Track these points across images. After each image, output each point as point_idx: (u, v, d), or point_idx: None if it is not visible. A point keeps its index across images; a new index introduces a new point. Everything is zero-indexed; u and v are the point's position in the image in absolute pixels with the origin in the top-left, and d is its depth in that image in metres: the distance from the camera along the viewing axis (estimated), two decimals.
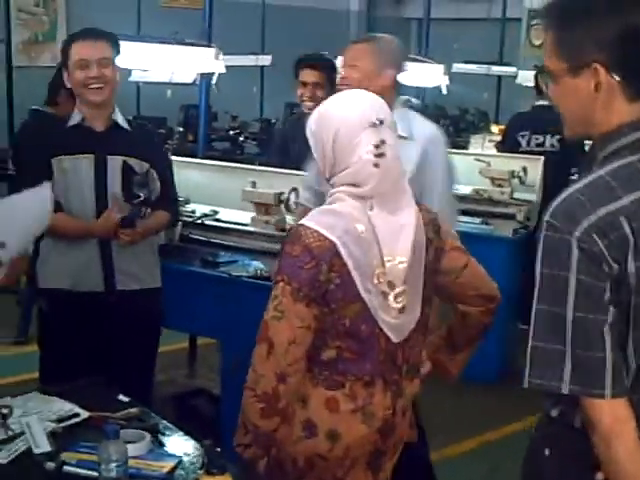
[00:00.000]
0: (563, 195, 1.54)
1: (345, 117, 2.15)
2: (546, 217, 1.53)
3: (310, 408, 2.18)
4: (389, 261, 2.13)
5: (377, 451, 2.23)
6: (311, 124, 2.22)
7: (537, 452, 1.73)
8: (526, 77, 6.48)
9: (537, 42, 10.04)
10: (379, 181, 2.13)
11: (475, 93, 9.40)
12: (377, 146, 2.13)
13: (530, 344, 1.54)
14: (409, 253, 2.16)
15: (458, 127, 9.78)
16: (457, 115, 10.35)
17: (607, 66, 1.54)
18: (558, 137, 6.02)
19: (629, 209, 1.47)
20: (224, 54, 4.44)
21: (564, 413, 1.63)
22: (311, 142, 2.22)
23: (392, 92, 3.07)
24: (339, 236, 2.07)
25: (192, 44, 4.07)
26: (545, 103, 6.08)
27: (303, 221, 2.15)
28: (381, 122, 2.14)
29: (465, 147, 7.13)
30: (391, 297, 2.14)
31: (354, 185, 2.13)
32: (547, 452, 1.69)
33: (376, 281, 2.11)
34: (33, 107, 5.14)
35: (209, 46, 4.12)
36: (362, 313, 2.12)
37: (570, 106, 1.65)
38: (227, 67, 4.68)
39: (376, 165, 2.12)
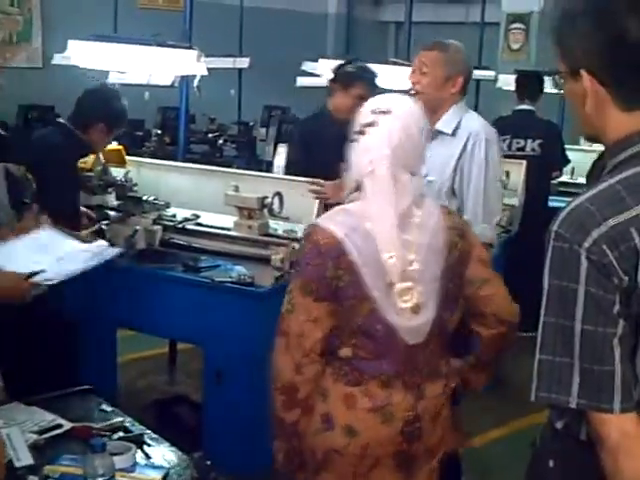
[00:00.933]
0: (572, 204, 1.51)
1: None
2: (554, 227, 1.50)
3: (329, 402, 2.24)
4: (394, 258, 2.13)
5: (403, 454, 2.24)
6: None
7: (541, 463, 1.70)
8: (506, 81, 6.50)
9: (515, 46, 10.06)
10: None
11: None
12: None
13: (537, 357, 1.51)
14: (423, 252, 2.17)
15: None
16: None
17: (595, 74, 1.53)
18: (539, 141, 6.04)
19: (639, 220, 1.44)
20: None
21: (569, 426, 1.61)
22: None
23: (459, 97, 3.31)
24: (346, 233, 2.13)
25: (173, 46, 4.00)
26: (526, 107, 6.12)
27: (317, 220, 2.28)
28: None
29: None
30: (396, 294, 2.14)
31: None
32: (551, 464, 1.67)
33: (385, 279, 2.14)
34: None
35: (190, 48, 4.06)
36: (375, 312, 2.15)
37: (574, 108, 1.64)
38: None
39: None
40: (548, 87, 6.02)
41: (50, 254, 2.81)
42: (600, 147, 1.71)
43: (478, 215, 3.22)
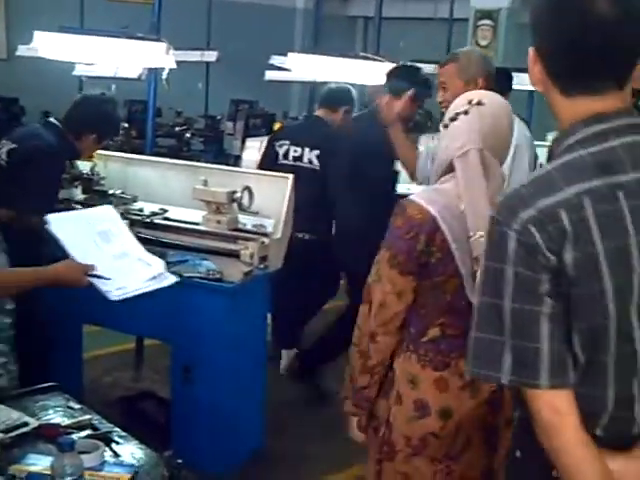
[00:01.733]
0: (509, 190, 1.57)
1: None
2: (492, 212, 1.55)
3: (420, 389, 2.35)
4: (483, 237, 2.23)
5: (489, 427, 2.38)
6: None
7: (511, 454, 1.75)
8: None
9: (484, 43, 10.10)
10: None
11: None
12: None
13: (472, 335, 1.55)
14: None
15: (405, 126, 9.79)
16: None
17: (539, 54, 1.55)
18: None
19: (570, 201, 1.46)
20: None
21: (523, 412, 1.62)
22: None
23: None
24: (439, 210, 2.26)
25: (142, 38, 3.95)
26: None
27: (411, 196, 2.36)
28: None
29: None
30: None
31: None
32: (518, 454, 1.71)
33: (471, 257, 2.25)
34: None
35: (159, 40, 4.01)
36: (462, 288, 2.27)
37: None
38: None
39: None
40: (517, 84, 6.02)
41: (111, 242, 2.97)
42: None
43: None
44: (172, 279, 3.07)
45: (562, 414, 1.50)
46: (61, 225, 2.90)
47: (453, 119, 2.38)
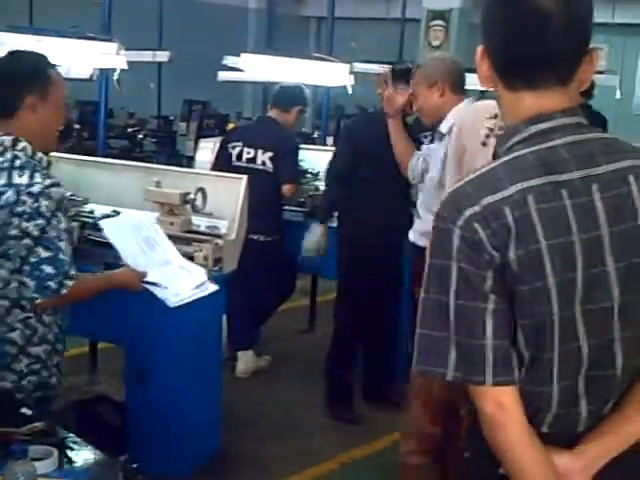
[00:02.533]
0: (454, 187, 1.56)
1: None
2: (437, 209, 1.55)
3: None
4: None
5: None
6: None
7: (459, 455, 1.76)
8: None
9: (436, 43, 10.17)
10: None
11: (373, 92, 9.45)
12: None
13: (418, 331, 1.55)
14: None
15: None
16: (357, 115, 10.37)
17: (486, 49, 1.57)
18: None
19: (513, 198, 1.47)
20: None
21: (471, 409, 1.62)
22: None
23: (456, 100, 3.63)
24: None
25: (93, 38, 3.91)
26: None
27: None
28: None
29: None
30: None
31: None
32: (467, 454, 1.72)
33: None
34: None
35: (110, 41, 3.97)
36: None
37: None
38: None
39: None
40: (468, 84, 6.07)
41: (155, 250, 3.05)
42: None
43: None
44: (213, 287, 3.11)
45: (507, 410, 1.51)
46: (113, 229, 3.02)
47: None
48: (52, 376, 2.65)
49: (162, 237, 3.17)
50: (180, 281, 3.01)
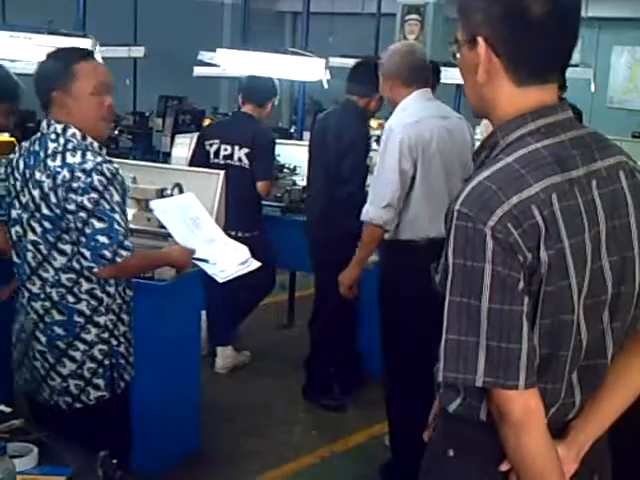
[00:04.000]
0: (472, 183, 1.50)
1: None
2: (457, 206, 1.48)
3: None
4: None
5: None
6: None
7: (438, 454, 1.70)
8: None
9: (411, 37, 10.19)
10: None
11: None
12: None
13: (444, 337, 1.50)
14: None
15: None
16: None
17: (490, 42, 1.52)
18: None
19: (539, 197, 1.45)
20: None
21: (467, 407, 1.61)
22: None
23: (405, 92, 3.67)
24: None
25: (68, 34, 3.89)
26: None
27: None
28: None
29: None
30: None
31: None
32: (451, 453, 1.66)
33: None
34: None
35: (85, 36, 3.95)
36: None
37: (465, 80, 1.63)
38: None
39: None
40: (445, 78, 6.08)
41: (201, 228, 3.16)
42: None
43: (369, 195, 3.65)
44: (257, 264, 3.16)
45: (534, 413, 1.50)
46: (163, 210, 3.16)
47: None
48: (120, 344, 2.78)
49: (206, 216, 3.25)
50: (226, 257, 3.10)
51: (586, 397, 1.62)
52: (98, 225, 2.56)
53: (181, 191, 3.85)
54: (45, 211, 2.62)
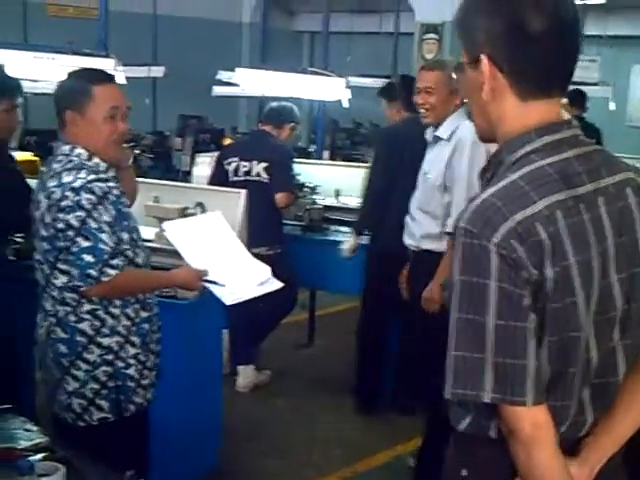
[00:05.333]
0: (477, 201, 1.50)
1: None
2: (461, 223, 1.49)
3: None
4: None
5: None
6: None
7: (452, 474, 1.69)
8: None
9: (429, 56, 10.20)
10: None
11: (368, 107, 9.49)
12: None
13: (451, 353, 1.50)
14: None
15: (354, 140, 9.83)
16: (352, 128, 10.40)
17: (494, 59, 1.53)
18: None
19: (543, 214, 1.45)
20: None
21: (476, 425, 1.61)
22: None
23: (457, 108, 3.75)
24: None
25: (90, 54, 3.92)
26: None
27: None
28: None
29: (363, 160, 7.16)
30: None
31: None
32: (464, 472, 1.65)
33: None
34: None
35: (107, 56, 3.98)
36: None
37: (471, 100, 1.65)
38: None
39: None
40: None
41: (221, 248, 3.14)
42: None
43: (461, 207, 3.47)
44: (278, 284, 3.13)
45: (543, 428, 1.49)
46: (176, 232, 3.10)
47: None
48: (129, 367, 2.74)
49: (229, 234, 3.24)
50: (243, 278, 3.07)
51: (598, 415, 1.61)
52: (84, 244, 2.56)
53: (203, 210, 3.87)
54: (43, 232, 2.64)
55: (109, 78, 2.80)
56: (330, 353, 5.95)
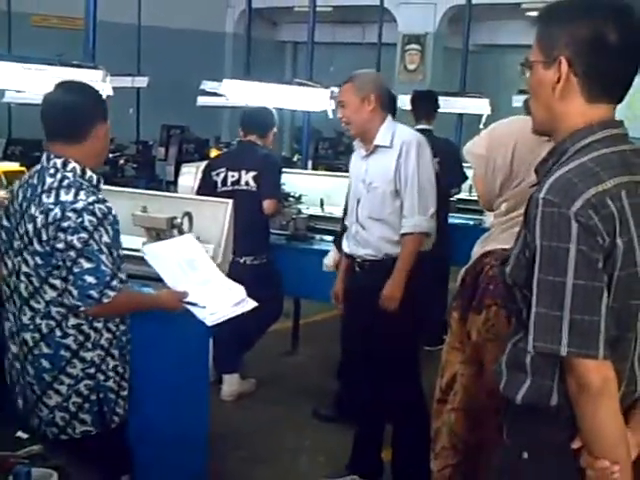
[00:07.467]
0: (554, 176, 1.69)
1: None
2: (542, 194, 1.66)
3: None
4: None
5: None
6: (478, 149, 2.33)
7: (512, 458, 1.82)
8: (404, 101, 6.58)
9: (411, 67, 10.28)
10: None
11: None
12: None
13: (534, 310, 1.67)
14: None
15: (337, 150, 9.89)
16: (334, 138, 10.46)
17: (571, 62, 1.71)
18: (437, 160, 6.13)
19: (612, 191, 1.65)
20: None
21: (537, 391, 1.74)
22: (477, 165, 2.33)
23: (384, 114, 3.87)
24: None
25: (79, 66, 3.94)
26: (424, 127, 6.17)
27: (489, 247, 2.25)
28: None
29: (346, 170, 7.18)
30: None
31: None
32: (525, 455, 1.79)
33: None
34: None
35: (96, 68, 4.00)
36: None
37: (537, 95, 1.81)
38: None
39: None
40: (445, 107, 6.15)
41: (196, 270, 3.19)
42: None
43: (414, 207, 3.75)
44: (252, 304, 3.23)
45: (611, 381, 1.66)
46: (155, 254, 3.17)
47: None
48: (109, 379, 2.79)
49: (203, 256, 3.30)
50: (219, 299, 3.15)
51: None
52: (86, 265, 2.60)
53: (191, 220, 3.89)
54: (37, 247, 2.64)
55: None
56: (314, 361, 5.99)
